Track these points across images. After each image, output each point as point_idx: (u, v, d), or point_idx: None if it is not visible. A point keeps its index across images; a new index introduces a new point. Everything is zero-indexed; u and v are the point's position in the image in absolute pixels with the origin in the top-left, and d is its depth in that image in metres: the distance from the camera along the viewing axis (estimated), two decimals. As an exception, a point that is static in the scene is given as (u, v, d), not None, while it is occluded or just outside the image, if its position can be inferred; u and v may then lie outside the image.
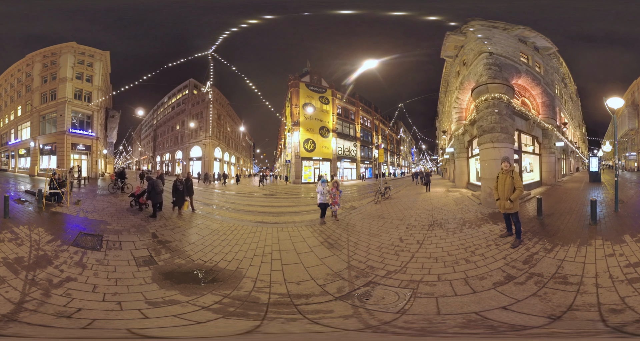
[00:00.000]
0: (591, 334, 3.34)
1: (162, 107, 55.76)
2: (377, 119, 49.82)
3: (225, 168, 45.26)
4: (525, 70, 15.31)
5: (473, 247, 6.34)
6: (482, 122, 12.15)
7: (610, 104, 9.45)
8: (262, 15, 15.15)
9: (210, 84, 40.03)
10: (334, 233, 8.02)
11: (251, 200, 16.79)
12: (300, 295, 4.68)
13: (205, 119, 42.35)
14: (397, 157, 62.75)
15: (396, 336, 3.52)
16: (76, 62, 27.41)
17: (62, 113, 26.29)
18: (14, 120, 29.03)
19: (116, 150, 50.00)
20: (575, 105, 31.99)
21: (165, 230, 8.25)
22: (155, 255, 6.30)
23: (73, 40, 27.28)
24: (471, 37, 15.10)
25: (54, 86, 26.74)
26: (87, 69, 28.01)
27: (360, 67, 16.90)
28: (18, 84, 28.79)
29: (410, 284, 4.83)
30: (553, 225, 7.53)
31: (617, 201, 8.73)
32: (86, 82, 27.93)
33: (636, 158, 35.59)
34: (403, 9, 14.57)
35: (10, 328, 3.49)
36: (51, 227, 7.80)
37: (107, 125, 37.50)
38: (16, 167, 28.39)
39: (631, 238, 5.96)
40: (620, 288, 4.12)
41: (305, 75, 36.63)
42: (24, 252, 5.85)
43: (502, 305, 3.98)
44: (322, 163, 36.44)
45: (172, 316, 3.98)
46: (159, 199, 10.23)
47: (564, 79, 25.09)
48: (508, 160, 6.55)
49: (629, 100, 35.17)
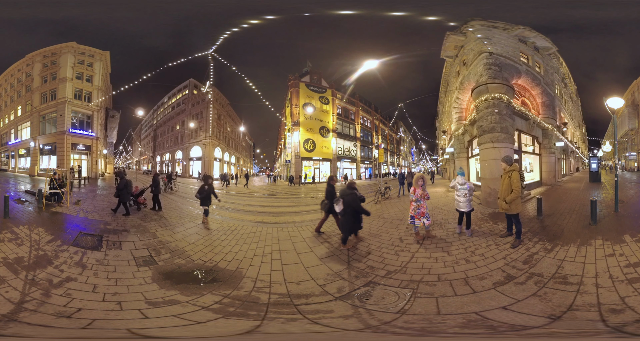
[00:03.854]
0: (591, 334, 3.34)
1: (162, 107, 55.71)
2: (377, 119, 49.81)
3: (225, 168, 45.25)
4: (525, 70, 15.30)
5: (473, 246, 6.34)
6: (482, 122, 12.16)
7: (610, 104, 9.45)
8: (264, 16, 15.15)
9: (210, 84, 40.01)
10: (334, 233, 8.01)
11: (251, 200, 16.79)
12: (300, 295, 4.68)
13: (205, 119, 42.34)
14: (397, 157, 62.76)
15: (396, 336, 3.52)
16: (76, 62, 27.41)
17: (62, 113, 26.29)
18: (14, 120, 29.01)
19: (116, 150, 50.01)
20: (575, 105, 31.98)
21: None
22: (156, 255, 6.30)
23: (73, 40, 27.29)
24: (471, 37, 15.10)
25: (54, 86, 26.74)
26: (87, 69, 28.00)
27: (361, 67, 16.91)
28: (18, 84, 28.78)
29: (410, 284, 4.83)
30: (553, 225, 7.53)
31: (617, 201, 8.73)
32: (86, 82, 27.92)
33: (636, 158, 35.58)
34: (403, 9, 14.56)
35: (10, 328, 3.49)
36: (51, 227, 7.80)
37: (107, 125, 37.49)
38: (16, 167, 28.38)
39: (631, 238, 5.96)
40: (620, 288, 4.12)
41: (305, 75, 36.63)
42: (24, 252, 5.85)
43: (502, 305, 3.98)
44: (322, 163, 36.44)
45: (172, 316, 3.98)
46: (127, 198, 10.12)
47: (564, 79, 25.08)
48: (508, 160, 6.55)
49: (629, 100, 35.16)
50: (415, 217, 7.07)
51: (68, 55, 26.88)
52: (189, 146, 43.95)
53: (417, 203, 7.07)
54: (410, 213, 7.16)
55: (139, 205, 10.86)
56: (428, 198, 7.20)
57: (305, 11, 15.74)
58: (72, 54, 27.13)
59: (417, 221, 7.07)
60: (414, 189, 7.14)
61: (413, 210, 7.09)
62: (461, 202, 7.16)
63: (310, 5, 15.68)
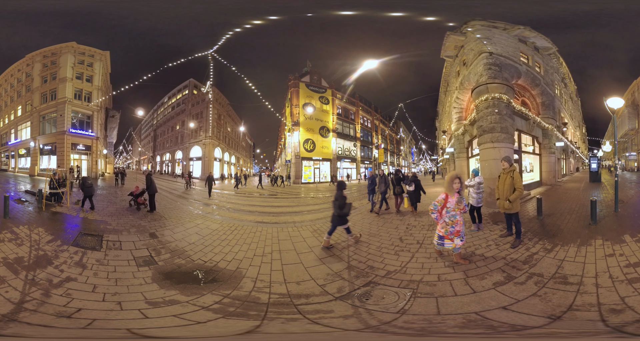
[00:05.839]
0: (591, 334, 3.34)
1: (162, 107, 55.73)
2: (377, 119, 49.81)
3: (225, 168, 45.26)
4: (525, 70, 15.31)
5: (473, 246, 6.34)
6: (482, 122, 12.16)
7: (610, 104, 9.45)
8: (266, 16, 15.16)
9: (210, 84, 40.01)
10: (334, 233, 8.00)
11: (251, 200, 16.79)
12: (300, 295, 4.68)
13: (205, 119, 42.34)
14: (397, 157, 62.75)
15: (396, 336, 3.52)
16: (76, 62, 27.41)
17: (62, 113, 26.29)
18: (14, 120, 29.02)
19: (116, 150, 49.97)
20: (575, 105, 31.99)
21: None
22: (156, 255, 6.30)
23: (73, 40, 27.30)
24: (471, 37, 15.11)
25: (54, 86, 26.74)
26: (87, 69, 28.01)
27: (361, 67, 16.89)
28: (18, 83, 28.78)
29: (410, 284, 4.83)
30: (553, 225, 7.53)
31: (617, 201, 8.73)
32: (86, 82, 27.93)
33: (636, 158, 35.58)
34: (403, 10, 14.57)
35: (10, 328, 3.49)
36: (51, 227, 7.80)
37: (107, 125, 37.48)
38: (16, 167, 28.38)
39: (631, 238, 5.96)
40: (620, 288, 4.12)
41: (305, 75, 36.64)
42: (24, 252, 5.85)
43: (502, 305, 3.98)
44: (322, 163, 36.45)
45: (172, 316, 3.98)
46: (90, 192, 10.38)
47: (564, 79, 25.08)
48: (508, 160, 6.55)
49: (629, 100, 35.15)
50: (445, 237, 5.24)
51: (68, 55, 26.88)
52: (189, 146, 43.95)
53: (452, 218, 5.20)
54: (439, 232, 5.34)
55: (139, 205, 10.86)
56: (465, 210, 5.52)
57: (306, 12, 15.76)
58: (72, 54, 27.13)
59: (447, 242, 5.27)
60: (446, 197, 5.26)
61: (443, 228, 5.28)
62: (474, 198, 7.82)
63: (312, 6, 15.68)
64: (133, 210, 10.52)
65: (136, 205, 10.89)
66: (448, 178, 5.45)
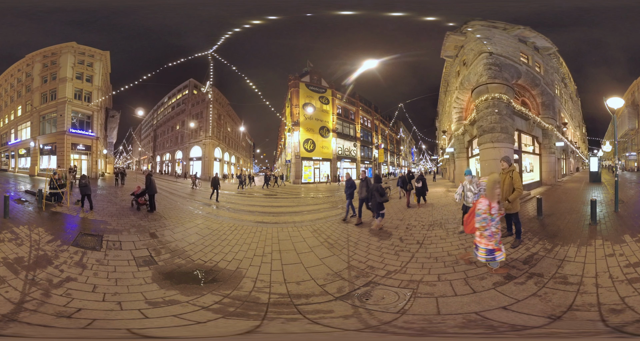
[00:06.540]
0: (591, 334, 3.34)
1: (162, 107, 55.72)
2: (377, 119, 49.79)
3: (225, 168, 45.26)
4: (525, 70, 15.31)
5: (473, 246, 6.33)
6: (482, 122, 12.17)
7: (610, 104, 9.45)
8: (266, 16, 15.15)
9: (210, 84, 40.01)
10: (334, 233, 8.02)
11: (251, 200, 16.79)
12: (300, 295, 4.67)
13: (205, 119, 42.35)
14: (397, 157, 62.75)
15: (396, 336, 3.52)
16: (76, 62, 27.43)
17: (62, 113, 26.30)
18: (14, 120, 29.02)
19: (116, 150, 49.95)
20: (575, 105, 31.99)
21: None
22: (156, 255, 6.30)
23: (74, 40, 27.32)
24: (471, 37, 15.10)
25: (54, 86, 26.76)
26: (87, 69, 28.02)
27: (360, 67, 16.88)
28: (18, 84, 28.79)
29: (410, 284, 4.83)
30: (553, 225, 7.53)
31: (617, 201, 8.73)
32: (86, 82, 27.93)
33: (636, 158, 35.58)
34: (402, 10, 14.56)
35: (10, 328, 3.49)
36: (51, 227, 7.80)
37: (107, 125, 37.48)
38: (16, 167, 28.38)
39: (631, 238, 5.96)
40: (620, 288, 4.11)
41: (305, 75, 36.65)
42: (24, 252, 5.85)
43: (502, 305, 3.98)
44: (322, 163, 36.45)
45: (172, 316, 3.98)
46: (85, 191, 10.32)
47: (564, 79, 25.08)
48: (508, 160, 6.55)
49: (629, 100, 35.15)
50: (496, 249, 4.73)
51: (68, 55, 26.90)
52: (189, 146, 43.95)
53: (497, 226, 4.74)
54: (487, 246, 4.74)
55: (140, 205, 10.86)
56: (504, 214, 5.15)
57: (306, 12, 15.74)
58: (72, 54, 27.15)
59: (498, 254, 4.75)
60: (489, 204, 4.69)
61: (492, 240, 4.72)
62: (470, 198, 6.98)
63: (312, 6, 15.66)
64: (133, 210, 10.52)
65: (137, 205, 10.89)
66: (490, 183, 4.77)
